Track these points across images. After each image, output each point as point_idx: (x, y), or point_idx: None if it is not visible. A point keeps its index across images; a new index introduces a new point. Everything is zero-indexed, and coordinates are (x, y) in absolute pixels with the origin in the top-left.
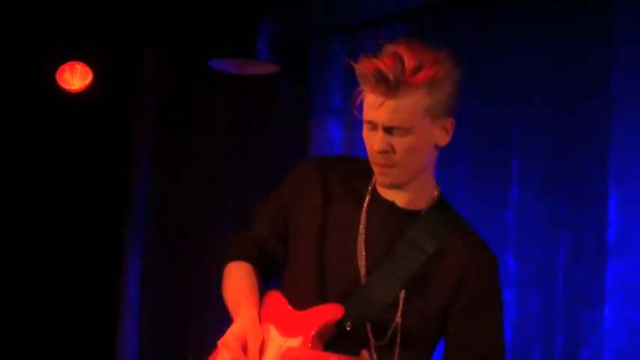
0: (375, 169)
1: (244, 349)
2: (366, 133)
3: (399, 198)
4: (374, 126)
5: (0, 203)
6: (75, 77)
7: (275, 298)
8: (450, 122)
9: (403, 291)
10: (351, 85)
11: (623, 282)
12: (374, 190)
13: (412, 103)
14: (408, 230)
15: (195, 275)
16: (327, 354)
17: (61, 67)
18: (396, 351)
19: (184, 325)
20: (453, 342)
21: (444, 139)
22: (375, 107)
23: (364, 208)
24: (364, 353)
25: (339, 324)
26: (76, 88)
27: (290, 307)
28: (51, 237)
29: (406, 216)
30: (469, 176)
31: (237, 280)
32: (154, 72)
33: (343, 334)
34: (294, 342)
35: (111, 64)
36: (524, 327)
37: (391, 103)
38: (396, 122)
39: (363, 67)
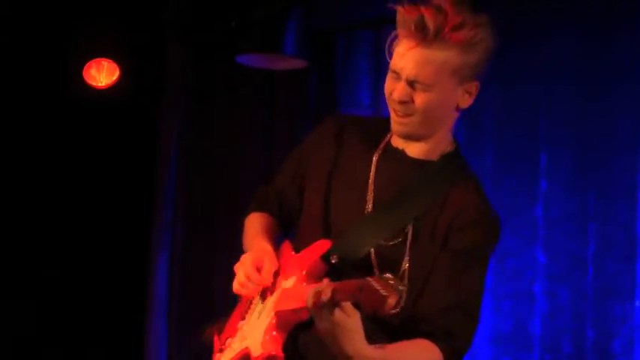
0: (393, 116)
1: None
2: (388, 81)
3: (410, 148)
4: (398, 76)
5: (30, 201)
6: (102, 74)
7: (283, 247)
8: (475, 86)
9: (398, 237)
10: (377, 80)
11: None
12: (388, 141)
13: (442, 59)
14: (415, 178)
15: (223, 270)
16: (306, 286)
17: (87, 64)
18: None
19: (213, 322)
20: (431, 286)
21: (466, 101)
22: (404, 54)
23: (375, 155)
24: (325, 280)
25: (325, 258)
26: (103, 84)
27: (292, 252)
28: (79, 234)
29: (416, 165)
30: (497, 169)
31: (255, 227)
32: (180, 68)
33: (341, 270)
34: (289, 282)
35: (138, 60)
36: (555, 320)
37: (422, 52)
38: (421, 77)
39: (406, 11)
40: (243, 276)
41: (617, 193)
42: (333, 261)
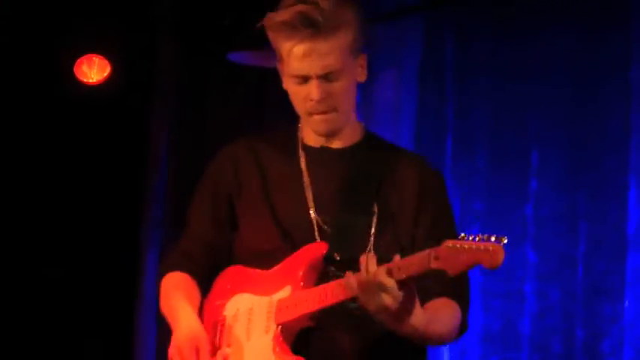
0: (314, 118)
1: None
2: (294, 89)
3: (332, 142)
4: (305, 79)
5: (17, 197)
6: (93, 70)
7: (236, 270)
8: (364, 58)
9: (374, 217)
10: (369, 78)
11: None
12: (303, 144)
13: (339, 42)
14: (352, 164)
15: None
16: (331, 283)
17: (78, 60)
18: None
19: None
20: (423, 243)
21: (363, 74)
22: (304, 58)
23: (302, 160)
24: (349, 274)
25: (327, 257)
26: (94, 81)
27: (257, 270)
28: (68, 232)
29: (344, 154)
30: (488, 168)
31: (176, 292)
32: (172, 64)
33: (326, 273)
34: (283, 293)
35: (129, 57)
36: (544, 319)
37: (321, 47)
38: (331, 66)
39: (281, 16)
40: None
41: (607, 193)
42: (338, 258)
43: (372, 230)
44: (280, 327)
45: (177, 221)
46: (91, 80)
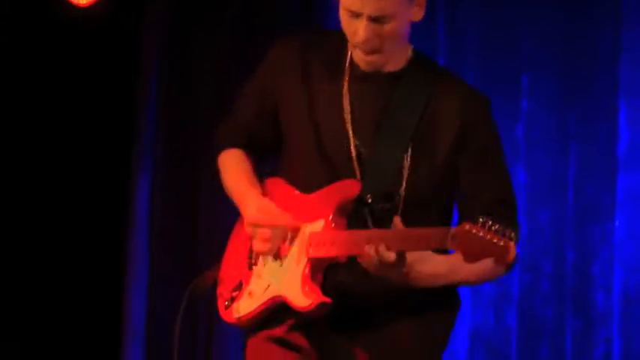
0: (359, 53)
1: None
2: (345, 20)
3: (383, 62)
4: (356, 15)
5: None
6: None
7: (280, 185)
8: None
9: (408, 152)
10: None
11: (634, 195)
12: (351, 63)
13: None
14: (394, 92)
15: (205, 190)
16: (359, 232)
17: None
18: (400, 213)
19: (194, 240)
20: (466, 194)
21: (420, 14)
22: None
23: (345, 84)
24: (397, 222)
25: (359, 198)
26: (85, 2)
27: (298, 192)
28: (59, 153)
29: (389, 79)
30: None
31: (235, 170)
32: None
33: (359, 210)
34: (316, 226)
35: None
36: (534, 241)
37: None
38: (383, 11)
39: None
40: (266, 228)
41: (597, 114)
42: (369, 200)
43: (407, 166)
44: (311, 260)
45: (169, 142)
46: (81, 2)
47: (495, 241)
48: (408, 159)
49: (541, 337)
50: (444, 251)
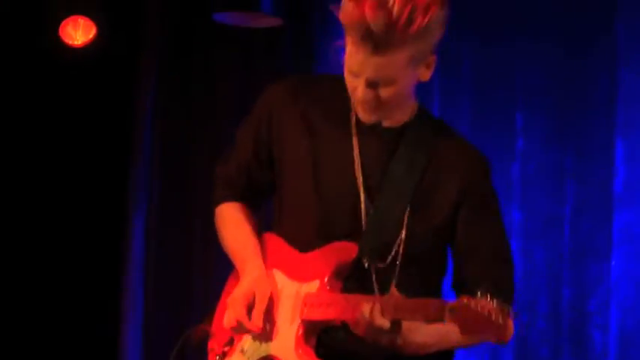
0: (359, 107)
1: (250, 308)
2: (347, 76)
3: (382, 118)
4: (357, 75)
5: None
6: (78, 32)
7: (275, 242)
8: (432, 59)
9: (408, 209)
10: None
11: (630, 234)
12: (356, 113)
13: (399, 57)
14: (397, 148)
15: (200, 230)
16: (355, 296)
17: (64, 22)
18: (397, 270)
19: (189, 280)
20: (464, 249)
21: (427, 74)
22: (358, 62)
23: (354, 134)
24: (393, 290)
25: (356, 262)
26: (79, 42)
27: (295, 250)
28: (54, 194)
29: (393, 133)
30: (474, 127)
31: (235, 228)
32: (157, 25)
33: (355, 270)
34: (311, 287)
35: (114, 19)
36: (530, 279)
37: (376, 60)
38: (382, 78)
39: (348, 17)
40: (235, 320)
41: (593, 152)
42: (365, 265)
43: (405, 224)
44: (305, 322)
45: (164, 183)
46: (76, 42)
47: (494, 318)
48: (407, 218)
49: None
50: None
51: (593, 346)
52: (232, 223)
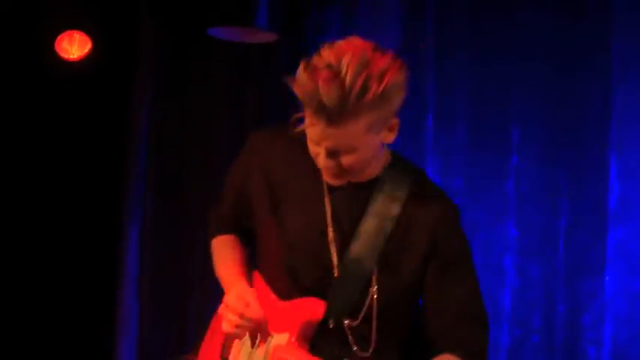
0: (324, 172)
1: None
2: (309, 143)
3: (347, 180)
4: (317, 144)
5: None
6: (73, 46)
7: (258, 281)
8: (395, 122)
9: (376, 266)
10: None
11: (624, 249)
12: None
13: (357, 126)
14: (368, 202)
15: (195, 243)
16: (315, 358)
17: (59, 36)
18: (373, 328)
19: (184, 293)
20: (431, 306)
21: (391, 137)
22: (315, 133)
23: (326, 195)
24: (355, 349)
25: (322, 322)
26: (75, 57)
27: (273, 296)
28: (49, 207)
29: (364, 188)
30: (468, 144)
31: (225, 257)
32: (152, 40)
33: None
34: (281, 339)
35: (110, 33)
36: (525, 295)
37: (333, 131)
38: (341, 147)
39: (301, 89)
40: (235, 316)
41: (588, 168)
42: (331, 326)
43: (375, 281)
44: None
45: (158, 197)
46: (72, 56)
47: None
48: (377, 274)
49: None
50: None
51: None
52: (222, 251)
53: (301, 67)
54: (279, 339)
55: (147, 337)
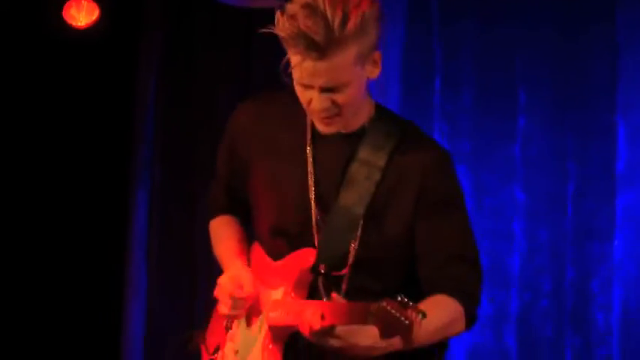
0: (316, 120)
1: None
2: (299, 90)
3: (342, 128)
4: (308, 86)
5: (3, 136)
6: (81, 13)
7: (256, 251)
8: (378, 55)
9: (362, 218)
10: None
11: (633, 214)
12: (312, 125)
13: (345, 57)
14: (356, 152)
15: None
16: (305, 302)
17: (67, 3)
18: (346, 277)
19: (193, 258)
20: (424, 246)
21: (375, 72)
22: (307, 72)
23: (308, 145)
24: (334, 296)
25: (314, 269)
26: (83, 24)
27: (268, 259)
28: (57, 172)
29: (351, 138)
30: (474, 107)
31: (221, 236)
32: (160, 6)
33: (327, 276)
34: (277, 294)
35: (117, 0)
36: (534, 259)
37: (324, 66)
38: (335, 82)
39: (285, 31)
40: (228, 297)
41: (595, 132)
42: (322, 271)
43: (359, 232)
44: (270, 328)
45: (165, 162)
46: (79, 23)
47: (402, 319)
48: (362, 226)
49: (540, 357)
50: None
51: (597, 325)
52: (219, 232)
53: (278, 15)
54: (276, 294)
55: (156, 307)
